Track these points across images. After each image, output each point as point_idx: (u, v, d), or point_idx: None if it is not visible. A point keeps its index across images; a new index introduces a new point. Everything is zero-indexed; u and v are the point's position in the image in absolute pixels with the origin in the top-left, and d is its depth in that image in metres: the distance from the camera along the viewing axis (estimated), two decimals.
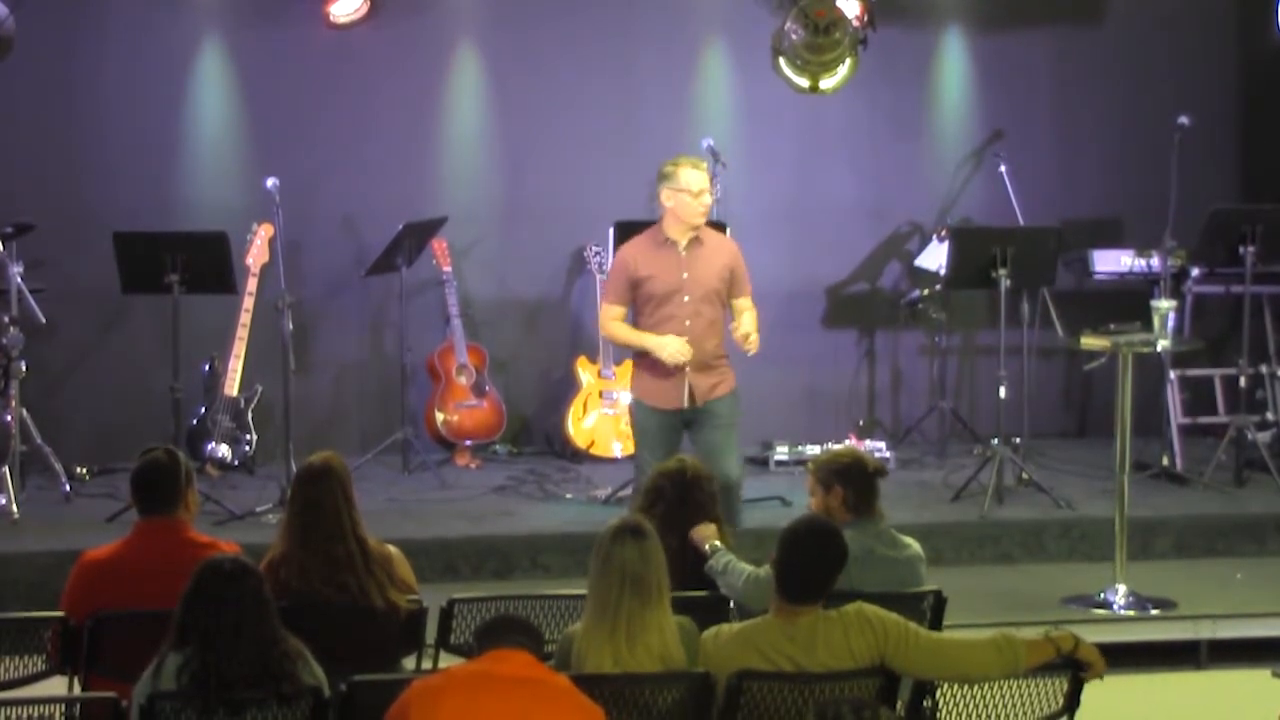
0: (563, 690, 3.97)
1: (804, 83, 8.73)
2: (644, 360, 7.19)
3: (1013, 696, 4.44)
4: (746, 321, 7.15)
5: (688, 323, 7.09)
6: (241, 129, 9.51)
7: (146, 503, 5.00)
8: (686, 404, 7.12)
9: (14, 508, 7.79)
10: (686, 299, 7.09)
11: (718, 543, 5.20)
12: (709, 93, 9.98)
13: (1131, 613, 7.01)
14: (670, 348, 7.02)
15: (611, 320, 7.27)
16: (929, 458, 9.52)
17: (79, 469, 8.64)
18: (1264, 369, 9.37)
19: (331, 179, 9.46)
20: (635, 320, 7.24)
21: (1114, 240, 9.96)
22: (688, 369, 7.08)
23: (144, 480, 5.00)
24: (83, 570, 4.94)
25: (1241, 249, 8.69)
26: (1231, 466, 8.80)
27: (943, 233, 9.41)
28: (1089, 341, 7.31)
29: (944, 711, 4.45)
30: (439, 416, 9.27)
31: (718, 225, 8.23)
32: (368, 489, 7.39)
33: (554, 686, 3.97)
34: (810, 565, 4.43)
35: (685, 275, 7.10)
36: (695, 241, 7.13)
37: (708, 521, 5.28)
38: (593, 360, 9.54)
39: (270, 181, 8.34)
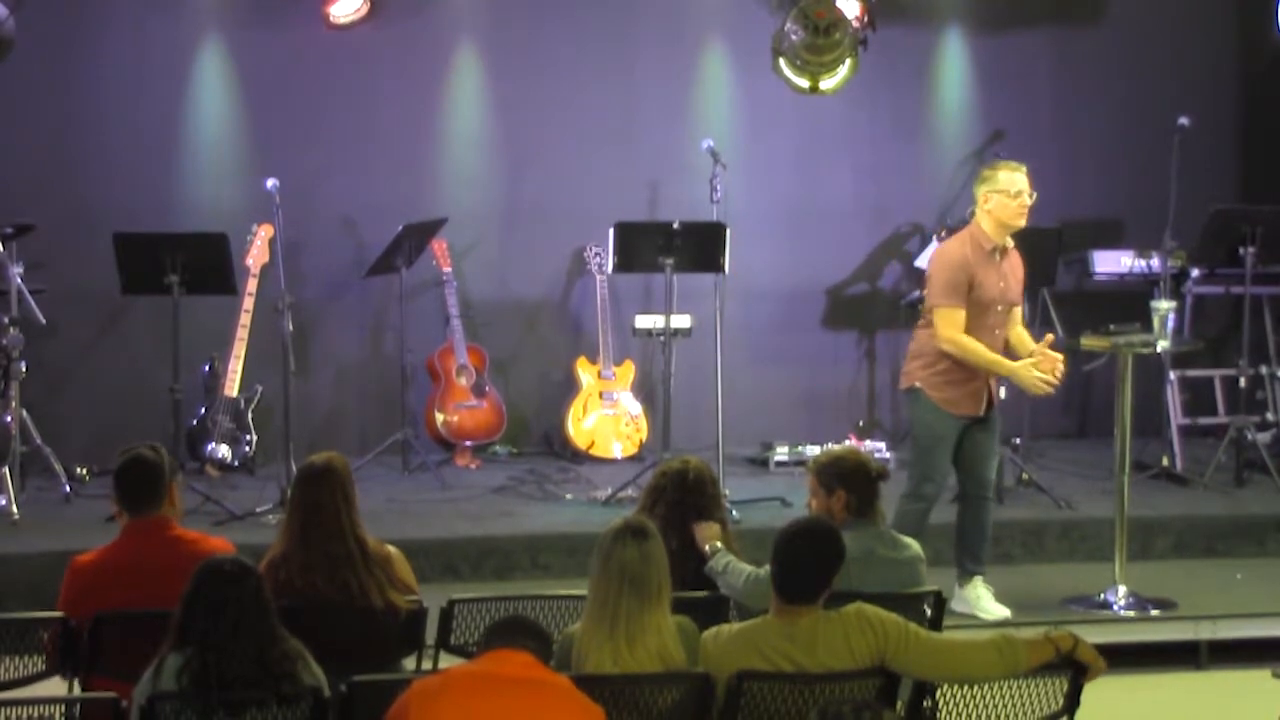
0: (563, 690, 3.97)
1: (804, 83, 8.73)
2: (948, 366, 6.82)
3: (1013, 697, 4.44)
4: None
5: (996, 332, 6.87)
6: (241, 129, 9.51)
7: (133, 502, 4.99)
8: (983, 410, 6.92)
9: (14, 508, 7.79)
10: (1000, 309, 6.87)
11: (719, 544, 5.20)
12: (709, 93, 9.98)
13: (1131, 613, 7.01)
14: (1033, 376, 6.79)
15: (960, 327, 6.74)
16: None
17: (79, 469, 8.64)
18: (1264, 370, 9.38)
19: (331, 179, 9.46)
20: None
21: (1114, 241, 9.97)
22: (991, 378, 6.91)
23: (129, 479, 4.98)
24: (74, 575, 4.92)
25: (1241, 250, 8.70)
26: (1231, 467, 8.80)
27: (943, 233, 9.40)
28: (1089, 342, 7.30)
29: (944, 712, 4.45)
30: (439, 417, 9.27)
31: (718, 226, 8.24)
32: (368, 489, 7.37)
33: (554, 687, 3.97)
34: (809, 566, 4.43)
35: (1002, 285, 6.86)
36: (1005, 249, 6.91)
37: (710, 522, 5.27)
38: (593, 361, 9.55)
39: (270, 182, 8.33)
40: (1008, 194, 6.77)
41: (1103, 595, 7.07)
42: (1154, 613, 7.04)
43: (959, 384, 6.81)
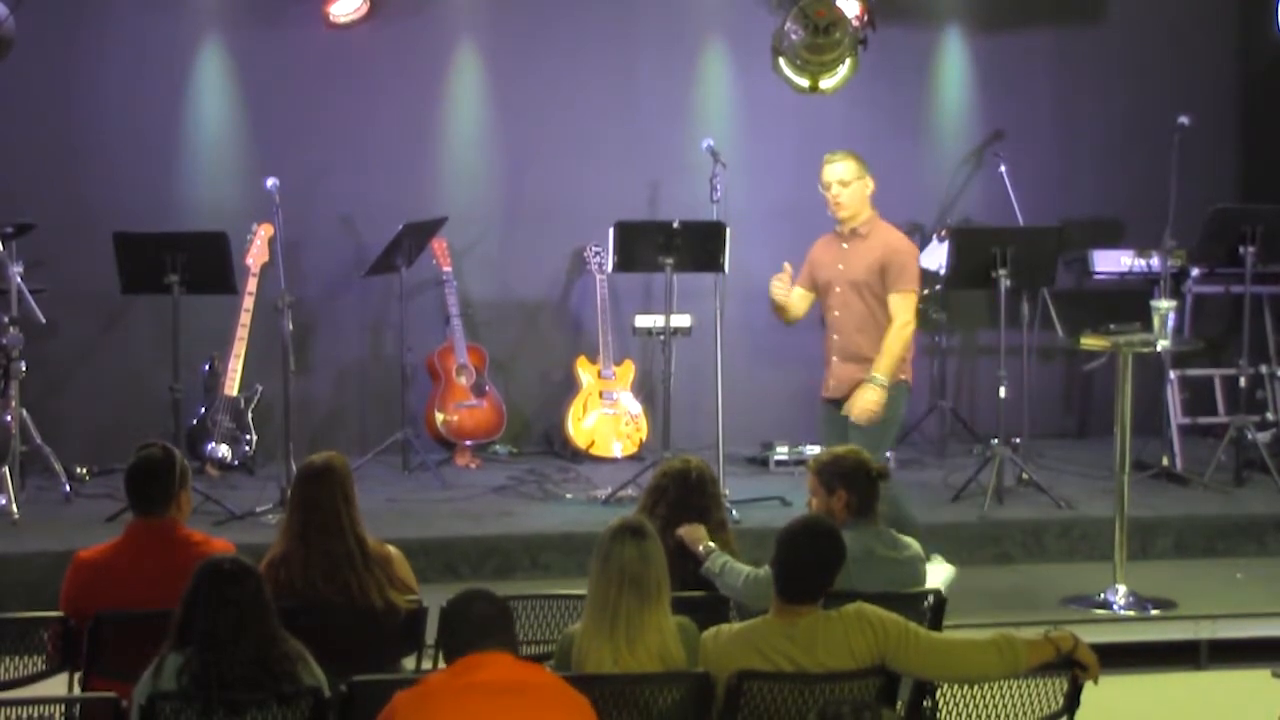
0: (548, 686, 3.97)
1: (804, 83, 8.72)
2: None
3: (1013, 697, 4.44)
4: None
5: (836, 313, 7.23)
6: (241, 129, 9.52)
7: (139, 502, 4.99)
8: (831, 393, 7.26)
9: (14, 508, 7.79)
10: (838, 290, 7.19)
11: (711, 544, 5.18)
12: (709, 93, 9.98)
13: (1131, 613, 7.01)
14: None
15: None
16: (929, 458, 9.53)
17: (79, 469, 8.64)
18: (1264, 369, 9.38)
19: (331, 179, 9.46)
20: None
21: (1114, 240, 9.97)
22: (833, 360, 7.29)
23: (137, 479, 4.99)
24: (78, 570, 4.93)
25: (1241, 249, 8.70)
26: (1231, 466, 8.80)
27: (943, 233, 9.42)
28: (1089, 341, 7.30)
29: (944, 712, 4.45)
30: (439, 416, 9.27)
31: (718, 226, 8.24)
32: (368, 489, 7.37)
33: (539, 685, 3.95)
34: (809, 565, 4.43)
35: (841, 267, 7.19)
36: (857, 234, 7.20)
37: (712, 523, 5.26)
38: (592, 360, 9.55)
39: (270, 182, 8.33)
40: (822, 184, 7.13)
41: (1103, 595, 7.07)
42: (1154, 612, 7.04)
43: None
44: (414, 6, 9.63)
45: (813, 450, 8.73)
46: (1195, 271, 9.24)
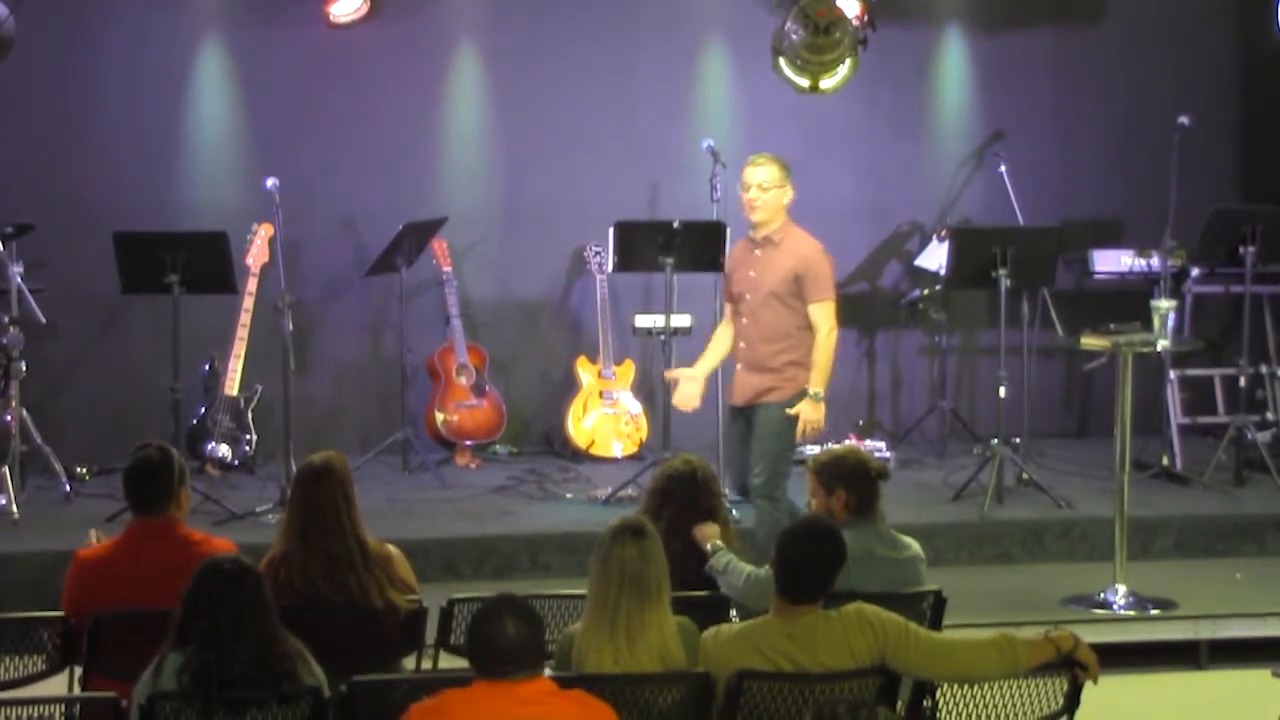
0: (573, 698, 3.93)
1: (804, 83, 8.72)
2: None
3: (1013, 696, 4.44)
4: None
5: (744, 321, 7.13)
6: (241, 129, 9.51)
7: (138, 502, 5.00)
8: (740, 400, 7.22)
9: (14, 508, 7.79)
10: (749, 298, 7.09)
11: (719, 542, 5.20)
12: (709, 93, 9.98)
13: (1131, 613, 7.01)
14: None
15: (725, 317, 7.36)
16: (929, 458, 9.52)
17: (79, 469, 8.64)
18: (1264, 369, 9.37)
19: (331, 179, 9.46)
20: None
21: (1114, 240, 9.97)
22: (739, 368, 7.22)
23: (136, 479, 4.99)
24: (79, 569, 4.94)
25: (1241, 249, 8.69)
26: (1231, 466, 8.80)
27: (943, 233, 9.41)
28: (1089, 341, 7.30)
29: (944, 711, 4.45)
30: (439, 416, 9.27)
31: (718, 225, 8.23)
32: (368, 489, 7.37)
33: (564, 697, 3.93)
34: (810, 565, 4.43)
35: (752, 275, 7.09)
36: (769, 242, 7.08)
37: (714, 523, 5.28)
38: (593, 360, 9.54)
39: (270, 182, 8.34)
40: (741, 184, 7.06)
41: (1102, 595, 7.06)
42: (1154, 612, 7.04)
43: None
44: (414, 6, 9.63)
45: (812, 450, 8.73)
46: (1195, 271, 9.23)
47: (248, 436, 8.91)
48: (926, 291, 9.65)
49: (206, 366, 8.94)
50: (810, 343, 6.93)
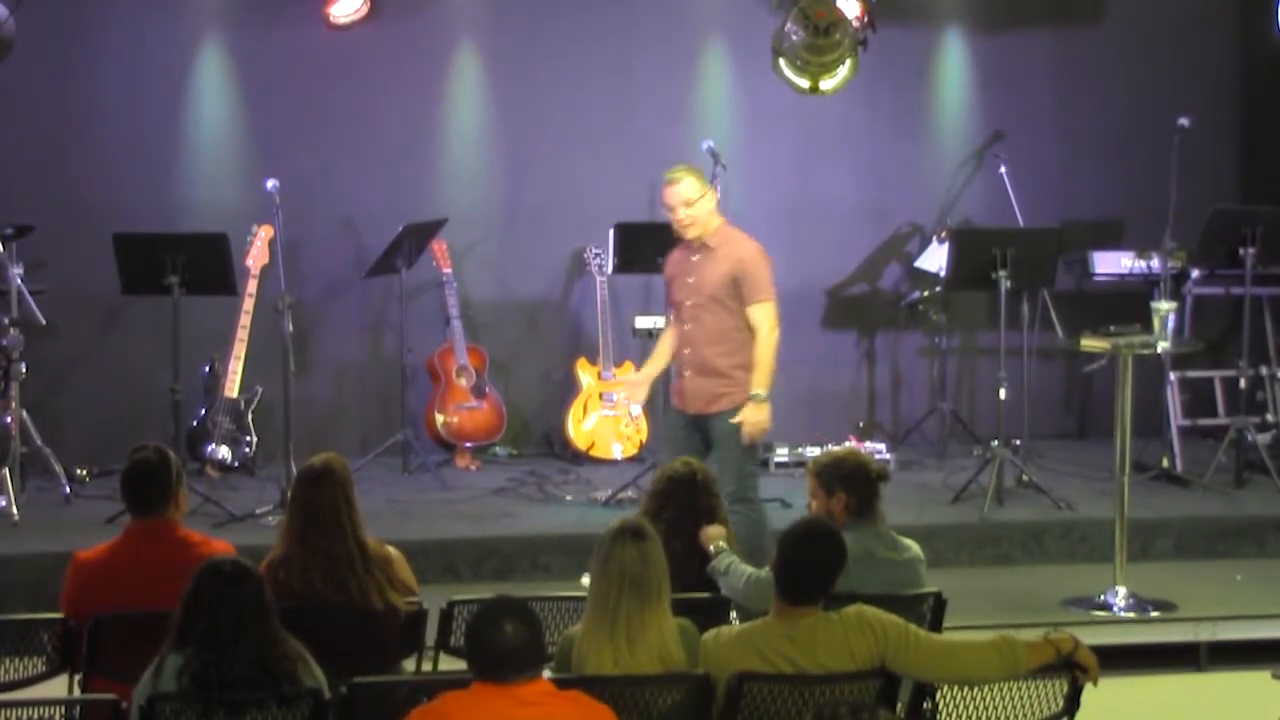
0: (571, 699, 3.93)
1: (804, 83, 8.73)
2: None
3: (1013, 698, 4.44)
4: None
5: (686, 327, 7.03)
6: (241, 129, 9.52)
7: (137, 504, 5.00)
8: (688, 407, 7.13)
9: (14, 509, 7.79)
10: (690, 304, 6.98)
11: (723, 544, 5.21)
12: (709, 94, 9.98)
13: (1131, 614, 7.00)
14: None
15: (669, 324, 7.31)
16: (929, 459, 9.52)
17: (79, 470, 8.64)
18: (1264, 370, 9.37)
19: (331, 180, 9.46)
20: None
21: (1114, 241, 9.98)
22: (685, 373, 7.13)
23: (134, 481, 4.99)
24: (77, 570, 4.94)
25: (1241, 250, 8.69)
26: (1231, 468, 8.80)
27: (943, 234, 9.42)
28: (1089, 343, 7.30)
29: (944, 713, 4.45)
30: (439, 418, 9.26)
31: None
32: (368, 490, 7.38)
33: (563, 698, 3.92)
34: (810, 567, 4.42)
35: (691, 280, 6.98)
36: (706, 248, 6.98)
37: (717, 523, 5.29)
38: (593, 362, 9.54)
39: (270, 183, 8.33)
40: (665, 206, 6.98)
41: (1103, 596, 7.06)
42: (1154, 614, 7.03)
43: None
44: (414, 6, 9.63)
45: (813, 452, 8.74)
46: (1195, 273, 9.23)
47: (248, 438, 8.90)
48: (926, 293, 9.65)
49: (206, 368, 8.94)
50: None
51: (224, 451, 8.83)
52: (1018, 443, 8.92)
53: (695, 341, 6.96)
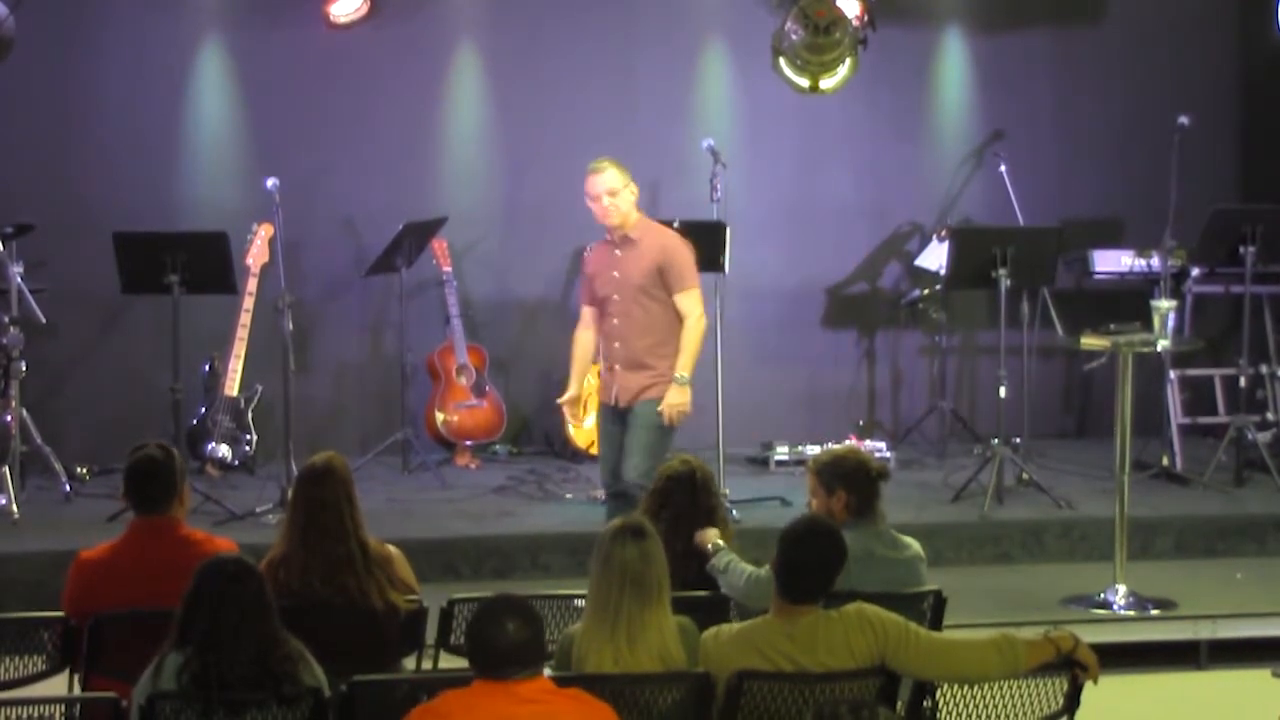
0: (570, 697, 3.93)
1: (804, 83, 8.73)
2: None
3: (1013, 697, 4.44)
4: None
5: (615, 321, 7.15)
6: (241, 129, 9.52)
7: (141, 501, 5.00)
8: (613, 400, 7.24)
9: (14, 508, 7.79)
10: (616, 298, 7.12)
11: (720, 542, 5.21)
12: (709, 93, 9.98)
13: (1131, 613, 7.01)
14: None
15: (584, 321, 7.42)
16: (929, 458, 9.52)
17: (79, 469, 8.64)
18: (1264, 369, 9.37)
19: (331, 179, 9.46)
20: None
21: (1114, 240, 9.97)
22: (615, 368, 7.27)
23: (138, 478, 4.99)
24: (80, 569, 4.94)
25: (1242, 249, 8.69)
26: (1231, 466, 8.80)
27: (943, 233, 9.41)
28: (1089, 341, 7.30)
29: (944, 712, 4.45)
30: (439, 417, 9.27)
31: (718, 226, 8.23)
32: (368, 489, 7.36)
33: (563, 697, 3.92)
34: (810, 565, 4.42)
35: (616, 275, 7.13)
36: (628, 240, 7.14)
37: (716, 523, 5.29)
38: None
39: (270, 182, 8.33)
40: (589, 196, 7.13)
41: (1103, 595, 7.06)
42: (1154, 612, 7.04)
43: None
44: (414, 6, 9.63)
45: (813, 450, 8.74)
46: (1195, 271, 9.23)
47: (248, 437, 8.91)
48: (926, 291, 9.64)
49: (206, 367, 8.94)
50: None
51: (224, 450, 8.83)
52: (1018, 441, 8.92)
53: (625, 335, 7.07)
